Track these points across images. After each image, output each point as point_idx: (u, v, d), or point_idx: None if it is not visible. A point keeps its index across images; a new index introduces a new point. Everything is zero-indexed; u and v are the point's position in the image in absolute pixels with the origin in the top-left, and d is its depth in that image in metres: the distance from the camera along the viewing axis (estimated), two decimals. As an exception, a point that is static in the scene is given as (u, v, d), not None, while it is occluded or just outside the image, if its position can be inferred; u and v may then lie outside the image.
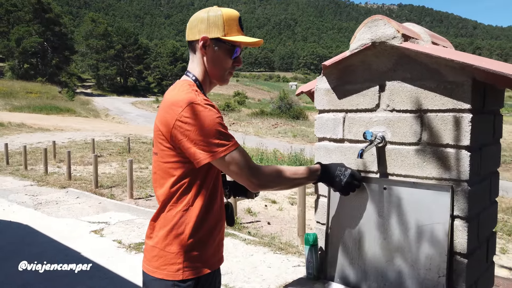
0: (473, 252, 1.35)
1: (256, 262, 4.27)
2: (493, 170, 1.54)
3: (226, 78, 1.44)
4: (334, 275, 1.55)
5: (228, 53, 1.39)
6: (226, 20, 1.37)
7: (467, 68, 1.23)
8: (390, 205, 1.41)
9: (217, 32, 1.36)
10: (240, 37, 1.39)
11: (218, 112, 1.29)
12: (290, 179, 1.35)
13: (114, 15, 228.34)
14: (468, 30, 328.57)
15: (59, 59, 58.17)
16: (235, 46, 1.39)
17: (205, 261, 1.34)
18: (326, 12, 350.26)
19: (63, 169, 10.40)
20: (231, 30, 1.38)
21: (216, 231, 1.39)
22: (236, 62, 1.42)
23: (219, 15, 1.37)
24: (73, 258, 4.36)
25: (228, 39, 1.36)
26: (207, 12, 1.39)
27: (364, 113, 1.48)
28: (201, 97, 1.29)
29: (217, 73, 1.41)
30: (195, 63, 1.42)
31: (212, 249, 1.37)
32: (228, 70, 1.42)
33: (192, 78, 1.40)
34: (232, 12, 1.40)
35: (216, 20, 1.37)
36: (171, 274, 1.30)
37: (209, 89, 1.46)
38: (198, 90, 1.34)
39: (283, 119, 31.08)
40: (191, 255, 1.31)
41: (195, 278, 1.31)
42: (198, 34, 1.38)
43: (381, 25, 1.37)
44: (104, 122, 29.90)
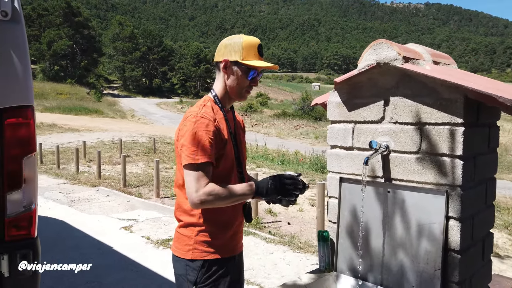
0: (467, 249, 1.52)
1: (276, 260, 4.47)
2: (490, 176, 1.70)
3: (243, 95, 1.68)
4: (344, 267, 1.74)
5: (245, 74, 1.63)
6: (245, 46, 1.62)
7: (460, 87, 1.40)
8: (394, 206, 1.60)
9: (236, 56, 1.62)
10: (256, 62, 1.62)
11: (207, 127, 1.52)
12: (229, 201, 1.52)
13: (140, 17, 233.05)
14: (498, 29, 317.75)
15: (87, 61, 60.00)
16: (251, 68, 1.62)
17: (215, 247, 1.59)
18: (350, 12, 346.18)
19: (93, 168, 10.89)
20: (248, 55, 1.62)
21: (229, 225, 1.63)
22: (252, 82, 1.66)
23: (240, 42, 1.63)
24: (105, 252, 4.68)
25: (244, 63, 1.61)
26: (232, 39, 1.65)
27: (370, 124, 1.67)
28: (204, 110, 1.58)
29: (235, 90, 1.66)
30: (218, 81, 1.69)
31: (224, 240, 1.61)
32: (245, 89, 1.66)
33: (212, 94, 1.69)
34: (252, 40, 1.65)
35: (237, 46, 1.62)
36: (183, 253, 1.60)
37: (228, 103, 1.71)
38: (211, 104, 1.64)
39: (305, 120, 31.10)
40: (201, 241, 1.58)
41: (203, 260, 1.57)
42: (221, 57, 1.64)
43: (385, 48, 1.56)
44: (130, 122, 30.72)
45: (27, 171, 1.96)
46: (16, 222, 1.96)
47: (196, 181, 1.48)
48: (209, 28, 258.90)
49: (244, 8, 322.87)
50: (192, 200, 1.48)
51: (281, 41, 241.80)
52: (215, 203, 1.51)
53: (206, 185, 1.48)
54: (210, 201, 1.48)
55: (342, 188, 1.77)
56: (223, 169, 1.59)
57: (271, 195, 1.52)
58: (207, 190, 1.47)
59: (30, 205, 2.00)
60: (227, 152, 1.62)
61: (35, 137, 2.01)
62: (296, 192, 1.51)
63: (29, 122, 1.96)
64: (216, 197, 1.48)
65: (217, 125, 1.57)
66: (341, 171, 1.78)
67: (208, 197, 1.47)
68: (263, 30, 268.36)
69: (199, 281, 1.57)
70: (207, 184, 1.49)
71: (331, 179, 1.82)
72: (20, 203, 1.96)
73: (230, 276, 1.64)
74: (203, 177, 1.49)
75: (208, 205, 1.51)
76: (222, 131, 1.61)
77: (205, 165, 1.50)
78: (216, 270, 1.59)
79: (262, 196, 1.53)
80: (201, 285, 1.57)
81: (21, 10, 1.92)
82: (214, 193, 1.47)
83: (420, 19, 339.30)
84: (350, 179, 1.73)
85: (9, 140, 1.90)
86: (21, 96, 1.93)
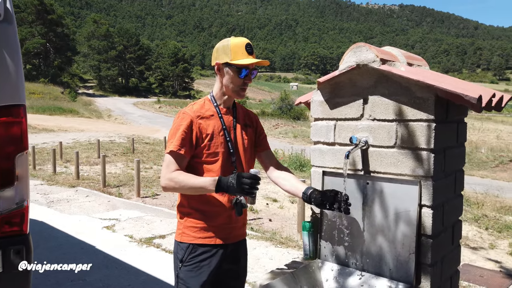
0: (438, 234, 1.67)
1: (259, 255, 4.59)
2: (458, 168, 1.86)
3: (239, 93, 1.84)
4: (327, 255, 1.87)
5: (237, 74, 1.77)
6: (232, 47, 1.76)
7: (431, 87, 1.55)
8: (373, 196, 1.74)
9: (226, 58, 1.77)
10: (244, 60, 1.75)
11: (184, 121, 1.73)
12: (189, 189, 1.69)
13: (115, 15, 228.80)
14: (469, 30, 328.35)
15: (61, 60, 58.57)
16: (242, 67, 1.76)
17: (202, 234, 1.77)
18: (327, 12, 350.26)
19: (70, 169, 10.73)
20: (236, 55, 1.75)
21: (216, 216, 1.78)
22: (246, 80, 1.81)
23: (227, 44, 1.78)
24: (88, 251, 4.68)
25: (233, 63, 1.75)
26: (221, 43, 1.81)
27: (351, 121, 1.80)
28: (190, 107, 1.80)
29: (231, 89, 1.82)
30: (216, 82, 1.87)
31: (211, 228, 1.78)
32: (240, 87, 1.82)
33: (211, 94, 1.88)
34: (240, 40, 1.79)
35: (225, 48, 1.77)
36: (176, 236, 1.84)
37: (226, 102, 1.86)
38: (204, 102, 1.84)
39: (284, 120, 31.39)
40: (188, 226, 1.79)
41: (189, 243, 1.77)
42: (214, 61, 1.82)
43: (364, 51, 1.69)
44: (107, 122, 30.23)
45: (19, 169, 2.00)
46: (9, 219, 2.00)
47: (165, 168, 1.72)
48: (186, 27, 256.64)
49: (221, 7, 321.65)
50: (160, 183, 1.74)
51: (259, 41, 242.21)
52: (177, 189, 1.70)
53: (172, 172, 1.69)
54: (172, 187, 1.69)
55: (325, 181, 1.89)
56: (208, 159, 1.76)
57: (232, 192, 1.63)
58: (170, 176, 1.68)
59: (22, 202, 2.05)
60: (213, 145, 1.76)
61: (27, 135, 2.05)
62: (254, 191, 1.60)
63: (21, 121, 2.00)
64: (176, 183, 1.67)
65: (198, 120, 1.75)
66: (324, 165, 1.90)
67: (170, 182, 1.68)
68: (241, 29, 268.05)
69: (184, 259, 1.78)
70: (174, 170, 1.69)
71: (315, 173, 1.94)
72: (13, 200, 2.00)
73: (218, 262, 1.79)
74: (172, 164, 1.70)
75: (171, 189, 1.71)
76: (208, 126, 1.77)
77: (174, 154, 1.71)
78: (201, 254, 1.77)
79: (224, 191, 1.65)
80: (186, 263, 1.78)
81: (13, 11, 1.96)
82: (175, 180, 1.67)
83: (394, 21, 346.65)
84: (332, 172, 1.86)
85: (2, 138, 1.94)
86: (13, 95, 1.97)
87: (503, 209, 8.14)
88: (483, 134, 26.14)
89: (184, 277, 1.77)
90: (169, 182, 1.68)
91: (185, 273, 1.77)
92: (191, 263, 1.77)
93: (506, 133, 28.06)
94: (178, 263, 1.79)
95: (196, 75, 79.35)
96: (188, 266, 1.77)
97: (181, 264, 1.78)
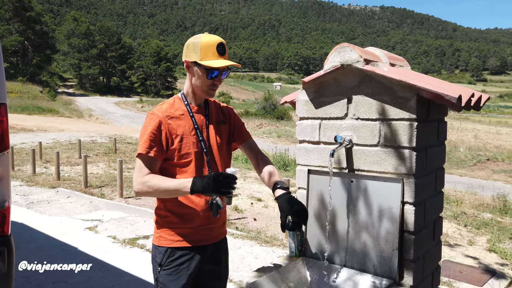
0: (420, 231, 1.72)
1: (244, 254, 4.60)
2: (439, 166, 1.91)
3: (209, 93, 1.76)
4: (313, 252, 1.90)
5: (205, 74, 1.69)
6: (203, 46, 1.66)
7: (413, 87, 1.59)
8: (357, 194, 1.77)
9: (195, 56, 1.68)
10: (213, 62, 1.66)
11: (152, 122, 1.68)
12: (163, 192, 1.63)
13: (96, 13, 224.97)
14: (448, 32, 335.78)
15: (40, 58, 57.24)
16: (210, 69, 1.67)
17: (179, 237, 1.74)
18: (310, 13, 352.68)
19: (50, 169, 10.52)
20: (206, 55, 1.66)
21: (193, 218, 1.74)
22: (215, 81, 1.73)
23: (198, 42, 1.68)
24: (70, 253, 4.61)
25: (201, 63, 1.67)
26: (192, 39, 1.72)
27: (335, 121, 1.83)
28: (159, 107, 1.74)
29: (200, 89, 1.75)
30: (186, 79, 1.80)
31: (188, 230, 1.75)
32: (209, 87, 1.73)
33: (181, 92, 1.82)
34: (211, 39, 1.68)
35: (195, 47, 1.68)
36: (154, 240, 1.80)
37: (196, 100, 1.81)
38: (174, 101, 1.78)
39: (268, 120, 31.48)
40: (166, 229, 1.76)
41: (167, 247, 1.74)
42: (184, 57, 1.73)
43: (348, 51, 1.72)
44: (88, 122, 29.73)
45: (0, 169, 1.96)
46: (-10, 220, 1.96)
47: (137, 171, 1.66)
48: (169, 26, 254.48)
49: (205, 6, 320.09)
50: (133, 188, 1.67)
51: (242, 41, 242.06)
52: (151, 193, 1.64)
53: (144, 176, 1.63)
54: (146, 191, 1.63)
55: (310, 179, 1.91)
56: (180, 161, 1.71)
57: (207, 193, 1.57)
58: (142, 180, 1.63)
59: (3, 203, 2.01)
60: (184, 146, 1.70)
61: (8, 134, 2.01)
62: (230, 191, 1.57)
63: (2, 120, 1.97)
64: (149, 187, 1.61)
65: (167, 121, 1.69)
66: (309, 163, 1.92)
67: (143, 186, 1.62)
68: (224, 29, 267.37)
69: (163, 263, 1.75)
70: (146, 174, 1.64)
71: (300, 172, 1.96)
72: (-7, 201, 1.96)
73: (197, 264, 1.76)
74: (143, 168, 1.65)
75: (145, 194, 1.65)
76: (178, 126, 1.70)
77: (143, 157, 1.65)
78: (180, 257, 1.74)
79: (200, 192, 1.58)
80: (165, 267, 1.75)
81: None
82: (148, 184, 1.61)
83: (376, 22, 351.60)
84: (318, 170, 1.89)
85: (-18, 137, 1.90)
86: (-6, 93, 1.93)
87: (481, 206, 8.36)
88: (462, 134, 26.81)
89: (163, 281, 1.75)
90: (142, 186, 1.62)
91: (164, 277, 1.74)
92: (170, 267, 1.73)
93: (483, 133, 28.85)
94: (157, 267, 1.76)
95: (179, 74, 78.65)
96: (167, 269, 1.73)
97: (160, 268, 1.75)
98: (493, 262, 4.76)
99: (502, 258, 4.92)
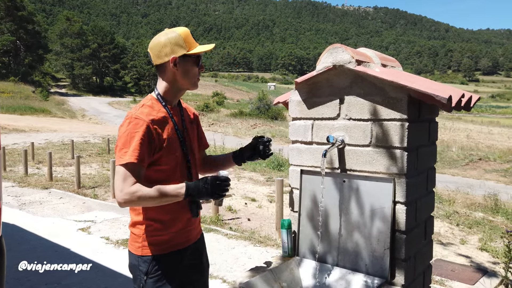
0: (411, 230, 1.73)
1: (238, 254, 4.60)
2: (430, 166, 1.93)
3: (196, 84, 1.77)
4: (305, 251, 1.91)
5: (195, 64, 1.72)
6: (184, 38, 1.68)
7: (404, 87, 1.60)
8: (349, 194, 1.78)
9: (181, 50, 1.67)
10: (199, 48, 1.71)
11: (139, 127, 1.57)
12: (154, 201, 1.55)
13: (89, 13, 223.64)
14: (440, 33, 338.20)
15: (32, 58, 56.76)
16: (199, 56, 1.72)
17: (163, 243, 1.70)
18: (303, 13, 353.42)
19: (42, 170, 10.43)
20: (190, 45, 1.69)
21: (175, 222, 1.72)
22: (201, 69, 1.76)
23: (177, 36, 1.67)
24: (63, 254, 4.57)
25: (192, 53, 1.68)
26: (166, 36, 1.67)
27: (328, 121, 1.84)
28: (140, 111, 1.63)
29: (188, 81, 1.73)
30: (161, 80, 1.73)
31: (171, 235, 1.71)
32: (197, 77, 1.75)
33: (155, 93, 1.74)
34: (185, 30, 1.71)
35: (178, 41, 1.66)
36: (134, 250, 1.71)
37: (175, 99, 1.77)
38: (152, 103, 1.69)
39: (262, 120, 31.50)
40: (148, 238, 1.68)
41: (151, 256, 1.68)
42: (166, 57, 1.67)
43: (340, 52, 1.73)
44: (81, 122, 29.54)
45: (-9, 170, 1.95)
46: (-19, 221, 1.95)
47: (122, 181, 1.53)
48: (163, 26, 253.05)
49: (198, 6, 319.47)
50: (117, 199, 1.53)
51: (236, 41, 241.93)
52: (139, 203, 1.56)
53: (131, 185, 1.52)
54: (134, 201, 1.53)
55: (303, 179, 1.92)
56: (166, 167, 1.67)
57: (203, 196, 1.56)
58: (131, 190, 1.51)
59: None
60: (170, 149, 1.67)
61: (0, 135, 2.00)
62: (225, 193, 1.58)
63: None
64: (140, 197, 1.52)
65: (153, 125, 1.61)
66: (302, 164, 1.93)
67: (132, 197, 1.51)
68: (218, 29, 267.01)
69: (150, 271, 1.69)
70: (133, 184, 1.53)
71: (293, 172, 1.97)
72: (-16, 202, 1.95)
73: (183, 265, 1.77)
74: (129, 177, 1.53)
75: (132, 204, 1.57)
76: (162, 130, 1.66)
77: (132, 166, 1.54)
78: (166, 263, 1.70)
79: (194, 197, 1.58)
80: (152, 275, 1.69)
81: None
82: (138, 194, 1.51)
83: (369, 22, 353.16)
84: (310, 171, 1.90)
85: (-28, 138, 1.88)
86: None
87: (473, 205, 8.43)
88: (454, 134, 27.02)
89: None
90: (130, 197, 1.51)
91: (151, 285, 1.69)
92: (156, 274, 1.69)
93: (475, 133, 29.09)
94: (142, 276, 1.69)
95: (173, 75, 78.25)
96: (154, 277, 1.69)
97: (146, 276, 1.69)
98: (485, 260, 4.81)
99: (493, 256, 4.96)
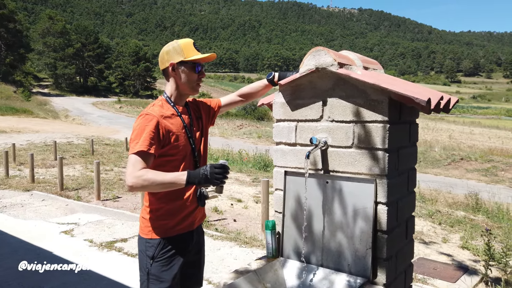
0: (393, 230, 1.77)
1: (223, 255, 4.60)
2: (411, 166, 1.97)
3: (195, 89, 1.95)
4: (289, 252, 1.92)
5: (192, 70, 1.89)
6: (183, 46, 1.88)
7: (385, 90, 1.63)
8: (332, 195, 1.80)
9: (179, 57, 1.87)
10: (196, 56, 1.88)
11: (150, 121, 1.76)
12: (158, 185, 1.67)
13: (72, 12, 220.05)
14: (423, 34, 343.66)
15: (13, 57, 55.47)
16: (195, 63, 1.88)
17: (170, 227, 1.87)
18: (289, 14, 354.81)
19: (24, 172, 10.23)
20: (188, 53, 1.87)
21: (182, 209, 1.89)
22: (200, 75, 1.93)
23: (178, 45, 1.89)
24: (45, 257, 4.49)
25: (188, 59, 1.86)
26: (170, 46, 1.91)
27: (311, 123, 1.86)
28: (152, 109, 1.83)
29: (187, 86, 1.91)
30: (168, 84, 1.94)
31: (178, 220, 1.88)
32: (196, 82, 1.93)
33: (165, 95, 1.95)
34: (187, 40, 1.92)
35: (177, 49, 1.88)
36: (144, 234, 1.89)
37: (181, 100, 1.97)
38: (162, 103, 1.90)
39: (248, 120, 31.51)
40: (158, 222, 1.87)
41: (160, 239, 1.85)
42: (167, 62, 1.89)
43: (323, 55, 1.75)
44: (64, 123, 29.04)
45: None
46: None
47: (132, 166, 1.69)
48: (148, 26, 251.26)
49: (184, 6, 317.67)
50: (126, 183, 1.68)
51: (222, 41, 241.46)
52: (146, 187, 1.68)
53: (139, 170, 1.68)
54: (140, 184, 1.66)
55: (286, 180, 1.94)
56: (176, 158, 1.85)
57: (202, 183, 1.68)
58: (138, 174, 1.67)
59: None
60: (178, 144, 1.85)
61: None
62: (224, 180, 1.70)
63: None
64: (145, 180, 1.65)
65: (163, 120, 1.81)
66: (286, 165, 1.95)
67: (138, 180, 1.65)
68: (204, 29, 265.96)
69: (156, 255, 1.85)
70: (140, 169, 1.68)
71: (277, 173, 1.98)
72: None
73: (187, 250, 1.92)
74: (139, 163, 1.69)
75: (139, 188, 1.69)
76: (172, 125, 1.84)
77: (142, 154, 1.70)
78: (172, 247, 1.86)
79: (194, 184, 1.70)
80: (158, 259, 1.85)
81: None
82: (144, 177, 1.66)
83: (354, 24, 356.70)
84: (294, 172, 1.91)
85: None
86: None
87: (455, 204, 8.61)
88: (437, 134, 27.49)
89: (156, 272, 1.84)
90: (137, 180, 1.66)
91: (157, 268, 1.84)
92: (162, 258, 1.84)
93: (457, 133, 29.68)
94: (149, 260, 1.85)
95: (159, 75, 77.67)
96: (159, 261, 1.84)
97: (152, 260, 1.84)
98: (466, 258, 4.91)
99: (474, 254, 5.08)
